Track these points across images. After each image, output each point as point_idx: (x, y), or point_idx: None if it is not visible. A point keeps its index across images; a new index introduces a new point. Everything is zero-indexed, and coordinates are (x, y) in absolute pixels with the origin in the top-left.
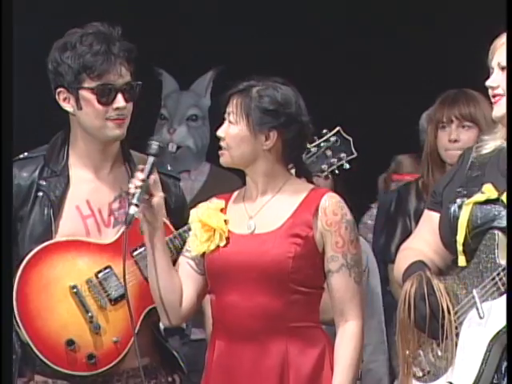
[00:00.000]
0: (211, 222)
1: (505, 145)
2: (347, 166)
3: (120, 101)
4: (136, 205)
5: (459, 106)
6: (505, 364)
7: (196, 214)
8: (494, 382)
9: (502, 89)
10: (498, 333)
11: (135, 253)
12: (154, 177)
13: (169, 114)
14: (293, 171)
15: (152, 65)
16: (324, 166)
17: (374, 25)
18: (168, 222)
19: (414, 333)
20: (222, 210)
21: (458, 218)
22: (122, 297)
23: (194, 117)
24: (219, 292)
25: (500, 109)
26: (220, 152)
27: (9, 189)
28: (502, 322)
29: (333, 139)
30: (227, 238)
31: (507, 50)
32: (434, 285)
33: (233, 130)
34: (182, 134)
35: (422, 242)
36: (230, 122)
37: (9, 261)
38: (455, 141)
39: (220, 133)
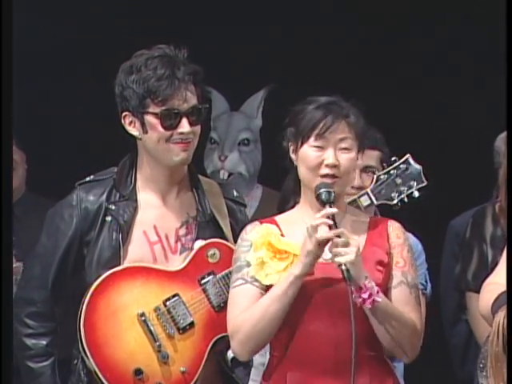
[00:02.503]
0: (292, 249)
1: None
2: (417, 194)
3: (185, 125)
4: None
5: None
6: None
7: (259, 240)
8: None
9: None
10: None
11: (203, 281)
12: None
13: (219, 138)
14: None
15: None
16: (394, 194)
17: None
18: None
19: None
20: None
21: None
22: (191, 325)
23: (245, 141)
24: (298, 321)
25: None
26: (332, 181)
27: (9, 189)
28: None
29: (402, 167)
30: None
31: (507, 50)
32: None
33: (348, 156)
34: (234, 160)
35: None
36: (342, 148)
37: (9, 260)
38: None
39: (334, 161)
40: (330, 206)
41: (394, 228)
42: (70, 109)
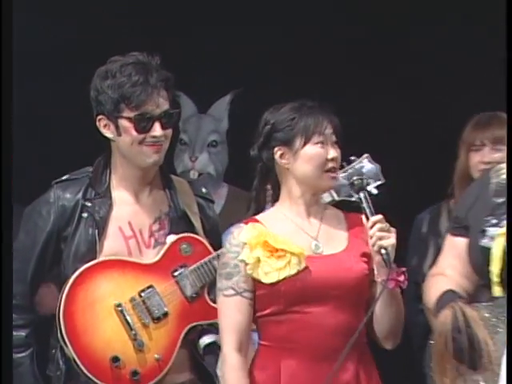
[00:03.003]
0: (288, 247)
1: None
2: (375, 191)
3: (157, 129)
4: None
5: (493, 130)
6: None
7: (254, 240)
8: None
9: None
10: None
11: (176, 273)
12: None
13: (189, 140)
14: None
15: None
16: (352, 192)
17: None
18: (207, 243)
19: (452, 362)
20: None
21: (490, 249)
22: (165, 315)
23: (214, 143)
24: (294, 313)
25: None
26: (333, 175)
27: (9, 189)
28: None
29: (360, 166)
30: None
31: (507, 51)
32: (469, 316)
33: (338, 149)
34: (204, 161)
35: (450, 268)
36: (334, 142)
37: (9, 260)
38: (489, 163)
39: (336, 154)
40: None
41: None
42: (70, 109)
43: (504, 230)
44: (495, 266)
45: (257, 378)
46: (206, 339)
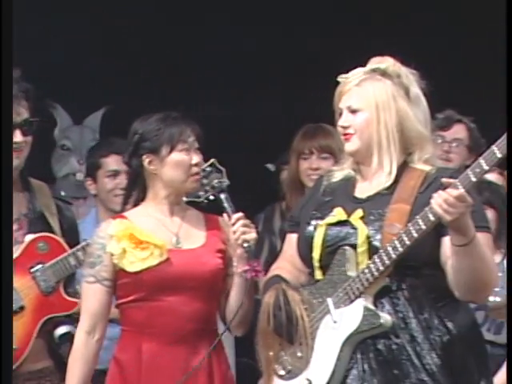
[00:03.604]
0: (152, 239)
1: (352, 173)
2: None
3: (17, 136)
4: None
5: (318, 140)
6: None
7: (121, 233)
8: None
9: (354, 129)
10: (349, 335)
11: (33, 269)
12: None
13: (73, 146)
14: None
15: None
16: (201, 193)
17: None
18: (63, 242)
19: (274, 337)
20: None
21: (313, 238)
22: (21, 308)
23: None
24: (154, 301)
25: (352, 144)
26: (197, 178)
27: (9, 188)
28: (353, 325)
29: (208, 169)
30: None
31: (507, 53)
32: (289, 296)
33: (200, 156)
34: None
35: (286, 261)
36: (197, 149)
37: (9, 260)
38: (316, 169)
39: (199, 160)
40: None
41: (224, 222)
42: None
43: (324, 221)
44: (316, 253)
45: (120, 360)
46: (60, 330)
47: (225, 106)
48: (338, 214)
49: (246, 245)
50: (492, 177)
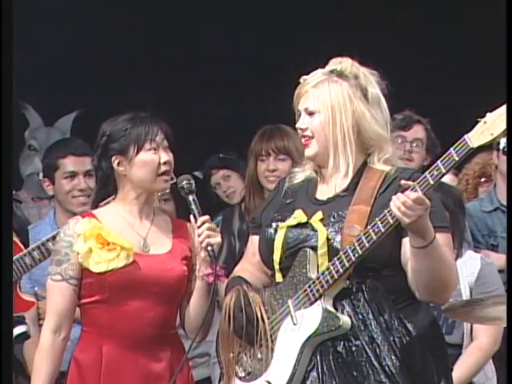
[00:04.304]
0: (120, 241)
1: (314, 174)
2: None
3: None
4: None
5: (275, 141)
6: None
7: (88, 232)
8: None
9: (311, 131)
10: (309, 337)
11: None
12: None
13: (39, 147)
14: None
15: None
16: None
17: None
18: (18, 241)
19: (235, 339)
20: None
21: (273, 240)
22: None
23: None
24: (117, 303)
25: (310, 149)
26: (166, 178)
27: (8, 189)
28: (312, 327)
29: None
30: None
31: (507, 53)
32: (250, 297)
33: (170, 154)
34: None
35: (248, 263)
36: (167, 147)
37: (8, 260)
38: (273, 170)
39: (168, 158)
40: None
41: (192, 228)
42: None
43: (285, 223)
44: (276, 255)
45: (79, 361)
46: (17, 329)
47: (225, 105)
48: (299, 216)
49: (209, 248)
50: (446, 178)
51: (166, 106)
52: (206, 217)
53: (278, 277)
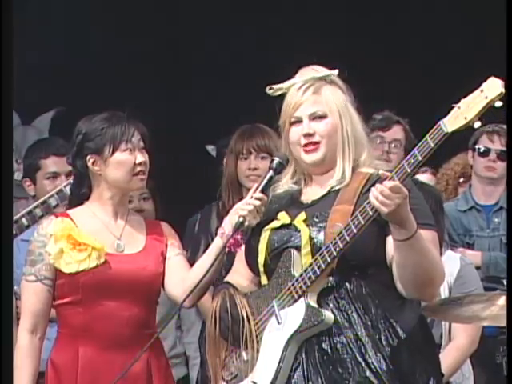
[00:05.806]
0: (91, 242)
1: (295, 187)
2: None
3: None
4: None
5: (256, 140)
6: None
7: (59, 233)
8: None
9: (320, 136)
10: (293, 333)
11: None
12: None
13: (15, 146)
14: None
15: None
16: None
17: None
18: None
19: (221, 342)
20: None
21: (258, 243)
22: None
23: None
24: (92, 304)
25: (317, 154)
26: (142, 177)
27: (9, 188)
28: (296, 324)
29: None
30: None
31: (507, 52)
32: (236, 299)
33: (145, 155)
34: None
35: (237, 274)
36: (143, 148)
37: (9, 260)
38: (255, 169)
39: (143, 159)
40: None
41: (165, 226)
42: None
43: (269, 226)
44: (261, 257)
45: (56, 362)
46: None
47: (224, 105)
48: (282, 217)
49: (241, 219)
50: (425, 177)
51: (148, 103)
52: (264, 197)
53: (263, 279)
